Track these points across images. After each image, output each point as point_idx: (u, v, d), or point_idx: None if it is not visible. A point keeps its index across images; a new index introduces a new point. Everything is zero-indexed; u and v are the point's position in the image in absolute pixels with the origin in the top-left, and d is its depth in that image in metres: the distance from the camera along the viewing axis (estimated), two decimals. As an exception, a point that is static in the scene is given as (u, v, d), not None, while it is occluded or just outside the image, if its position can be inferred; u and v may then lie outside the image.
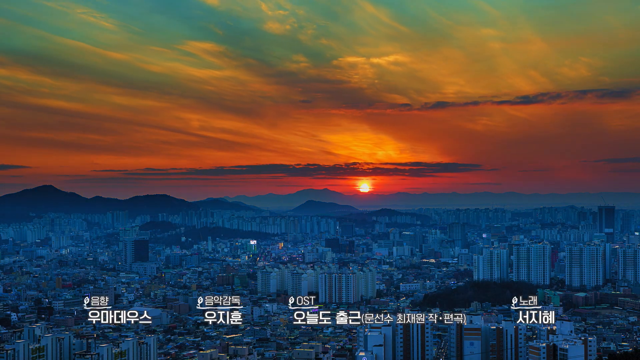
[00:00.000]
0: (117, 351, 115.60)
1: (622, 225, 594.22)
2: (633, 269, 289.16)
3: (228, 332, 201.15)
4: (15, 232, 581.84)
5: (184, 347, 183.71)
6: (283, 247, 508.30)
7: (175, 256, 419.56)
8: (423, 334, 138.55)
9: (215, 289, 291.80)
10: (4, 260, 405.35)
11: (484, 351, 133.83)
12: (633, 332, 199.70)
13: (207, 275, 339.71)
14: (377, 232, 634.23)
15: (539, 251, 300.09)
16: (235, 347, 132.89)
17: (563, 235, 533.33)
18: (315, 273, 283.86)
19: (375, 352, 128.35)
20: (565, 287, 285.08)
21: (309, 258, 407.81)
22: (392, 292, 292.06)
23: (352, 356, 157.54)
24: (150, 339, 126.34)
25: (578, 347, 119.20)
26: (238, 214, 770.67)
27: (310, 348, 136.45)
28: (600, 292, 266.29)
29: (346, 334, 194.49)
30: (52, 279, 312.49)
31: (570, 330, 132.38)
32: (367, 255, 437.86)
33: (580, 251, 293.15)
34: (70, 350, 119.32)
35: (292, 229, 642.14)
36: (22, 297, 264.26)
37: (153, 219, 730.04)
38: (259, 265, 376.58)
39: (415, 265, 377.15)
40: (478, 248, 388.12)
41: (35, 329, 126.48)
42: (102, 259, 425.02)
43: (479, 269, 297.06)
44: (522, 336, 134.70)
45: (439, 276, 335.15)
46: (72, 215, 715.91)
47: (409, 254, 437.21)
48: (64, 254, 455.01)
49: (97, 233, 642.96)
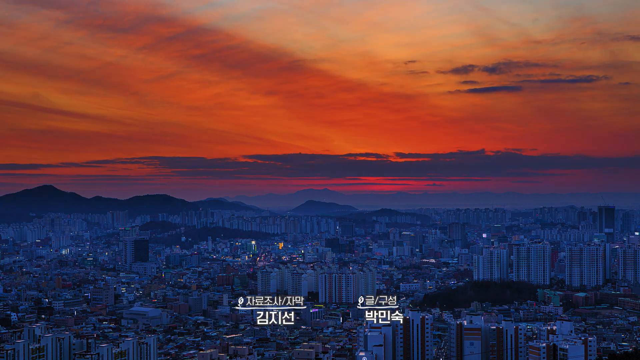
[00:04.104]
0: (117, 351, 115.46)
1: (622, 225, 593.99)
2: (633, 269, 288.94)
3: (228, 332, 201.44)
4: (15, 232, 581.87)
5: (184, 347, 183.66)
6: (283, 247, 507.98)
7: (175, 256, 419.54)
8: (423, 334, 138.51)
9: (215, 289, 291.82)
10: (4, 260, 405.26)
11: (484, 351, 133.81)
12: (633, 332, 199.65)
13: (207, 275, 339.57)
14: (377, 232, 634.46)
15: (539, 251, 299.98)
16: (235, 347, 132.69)
17: (563, 235, 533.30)
18: (315, 273, 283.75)
19: (375, 352, 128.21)
20: (565, 287, 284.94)
21: (309, 258, 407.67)
22: (392, 292, 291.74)
23: (352, 356, 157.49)
24: (150, 339, 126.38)
25: (578, 347, 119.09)
26: (238, 214, 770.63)
27: (310, 348, 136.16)
28: (600, 292, 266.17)
29: (346, 334, 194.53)
30: (52, 279, 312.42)
31: (570, 330, 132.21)
32: (367, 255, 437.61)
33: (580, 251, 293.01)
34: (70, 350, 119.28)
35: (292, 229, 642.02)
36: (22, 297, 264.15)
37: (153, 219, 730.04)
38: (259, 265, 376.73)
39: (415, 265, 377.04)
40: (478, 248, 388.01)
41: (35, 329, 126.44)
42: (102, 259, 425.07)
43: (479, 269, 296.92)
44: (522, 336, 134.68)
45: (439, 276, 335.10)
46: (72, 215, 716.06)
47: (409, 254, 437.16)
48: (64, 254, 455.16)
49: (97, 233, 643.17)
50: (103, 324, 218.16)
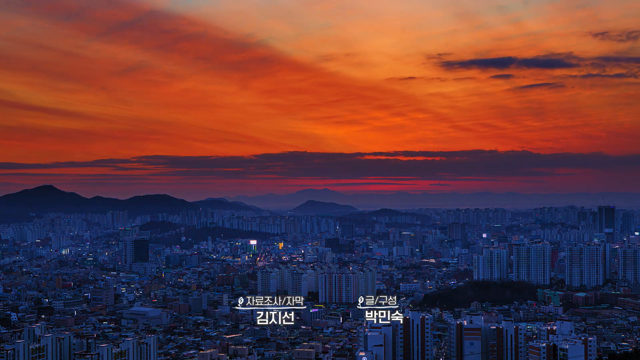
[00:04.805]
0: (117, 351, 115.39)
1: (622, 225, 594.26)
2: (633, 269, 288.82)
3: (228, 332, 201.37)
4: (15, 232, 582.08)
5: (184, 347, 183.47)
6: (283, 247, 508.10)
7: (175, 256, 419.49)
8: (423, 334, 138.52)
9: (215, 289, 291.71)
10: (4, 260, 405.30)
11: (484, 351, 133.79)
12: (633, 332, 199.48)
13: (207, 275, 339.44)
14: (377, 232, 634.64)
15: (539, 251, 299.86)
16: (235, 347, 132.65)
17: (563, 235, 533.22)
18: (315, 273, 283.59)
19: (375, 352, 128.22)
20: (565, 287, 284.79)
21: (309, 258, 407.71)
22: (392, 292, 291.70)
23: (352, 356, 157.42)
24: (150, 339, 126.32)
25: (578, 347, 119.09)
26: (238, 214, 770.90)
27: (310, 348, 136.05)
28: (600, 292, 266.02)
29: (346, 334, 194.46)
30: (52, 279, 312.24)
31: (570, 330, 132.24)
32: (367, 255, 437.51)
33: (580, 251, 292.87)
34: (70, 350, 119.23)
35: (292, 229, 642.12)
36: (22, 297, 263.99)
37: (153, 219, 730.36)
38: (259, 265, 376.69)
39: (415, 265, 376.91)
40: (478, 248, 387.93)
41: (35, 329, 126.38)
42: (102, 259, 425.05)
43: (479, 269, 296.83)
44: (522, 336, 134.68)
45: (439, 276, 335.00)
46: (72, 215, 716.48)
47: (409, 254, 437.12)
48: (64, 254, 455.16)
49: (97, 233, 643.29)
50: (103, 324, 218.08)
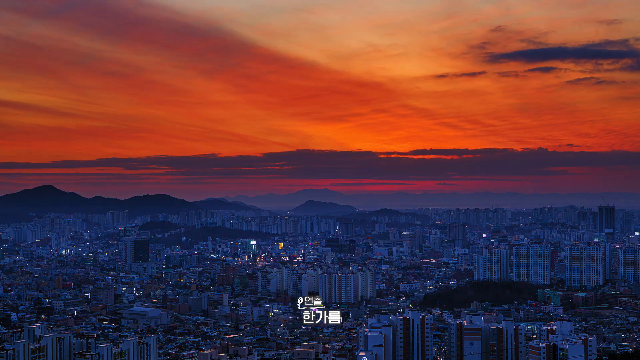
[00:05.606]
0: (117, 351, 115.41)
1: (622, 225, 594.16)
2: (633, 269, 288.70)
3: (228, 332, 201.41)
4: (15, 232, 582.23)
5: (184, 347, 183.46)
6: (283, 247, 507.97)
7: (175, 256, 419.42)
8: (423, 334, 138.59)
9: (215, 289, 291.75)
10: (4, 260, 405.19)
11: (484, 351, 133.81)
12: (633, 332, 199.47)
13: (207, 275, 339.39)
14: (377, 232, 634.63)
15: (539, 251, 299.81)
16: (235, 347, 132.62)
17: (563, 235, 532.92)
18: (315, 273, 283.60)
19: (375, 352, 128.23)
20: (565, 287, 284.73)
21: (309, 258, 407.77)
22: (392, 292, 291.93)
23: (352, 356, 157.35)
24: (150, 339, 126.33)
25: (578, 347, 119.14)
26: (238, 214, 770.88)
27: (310, 348, 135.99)
28: (600, 292, 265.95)
29: (346, 334, 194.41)
30: (52, 279, 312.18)
31: (570, 330, 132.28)
32: (367, 255, 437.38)
33: (580, 251, 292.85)
34: (70, 350, 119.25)
35: (292, 229, 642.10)
36: (22, 297, 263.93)
37: (153, 219, 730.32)
38: (259, 265, 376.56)
39: (415, 265, 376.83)
40: (478, 248, 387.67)
41: (35, 329, 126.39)
42: (102, 259, 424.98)
43: (479, 269, 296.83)
44: (522, 336, 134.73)
45: (439, 276, 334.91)
46: (72, 215, 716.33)
47: (409, 254, 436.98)
48: (64, 254, 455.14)
49: (97, 233, 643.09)
50: (103, 324, 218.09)
